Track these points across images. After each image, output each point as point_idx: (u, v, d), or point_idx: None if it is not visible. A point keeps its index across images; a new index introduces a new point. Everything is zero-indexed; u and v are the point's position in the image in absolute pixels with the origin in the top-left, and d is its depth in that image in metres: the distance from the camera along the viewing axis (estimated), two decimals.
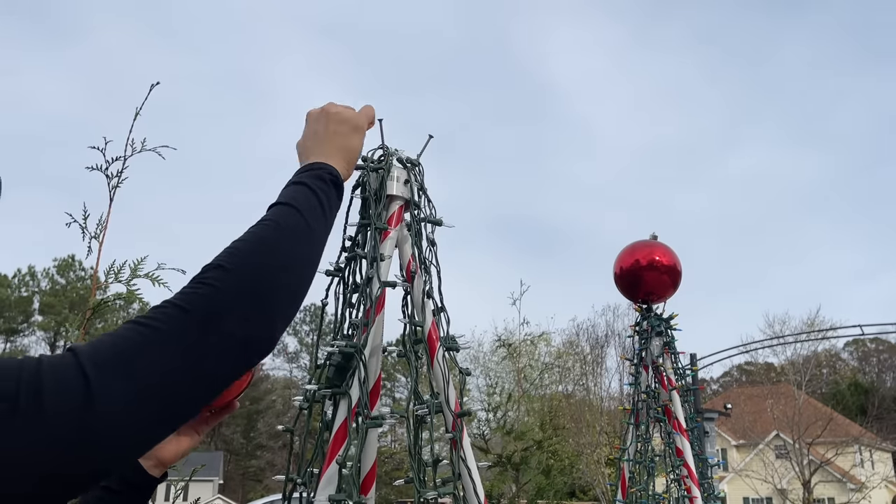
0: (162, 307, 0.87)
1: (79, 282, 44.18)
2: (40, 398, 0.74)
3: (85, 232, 2.17)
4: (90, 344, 0.81)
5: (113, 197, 2.24)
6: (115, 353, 0.80)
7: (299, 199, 1.08)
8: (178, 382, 0.82)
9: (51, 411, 0.74)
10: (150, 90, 2.26)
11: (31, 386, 0.74)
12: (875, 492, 31.64)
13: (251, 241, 0.98)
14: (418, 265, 2.24)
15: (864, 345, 52.80)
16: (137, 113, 2.25)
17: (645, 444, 4.55)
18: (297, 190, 1.11)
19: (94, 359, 0.78)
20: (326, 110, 1.32)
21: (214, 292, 0.89)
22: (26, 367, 0.76)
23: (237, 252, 0.96)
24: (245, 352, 0.89)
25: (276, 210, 1.06)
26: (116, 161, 2.24)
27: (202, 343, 0.84)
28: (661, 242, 4.94)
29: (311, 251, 1.04)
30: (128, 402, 0.78)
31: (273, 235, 1.00)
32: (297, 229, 1.03)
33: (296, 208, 1.05)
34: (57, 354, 0.80)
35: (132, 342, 0.81)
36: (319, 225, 1.08)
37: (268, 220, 1.03)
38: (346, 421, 1.98)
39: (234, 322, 0.87)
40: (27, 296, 45.91)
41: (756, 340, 27.42)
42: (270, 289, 0.93)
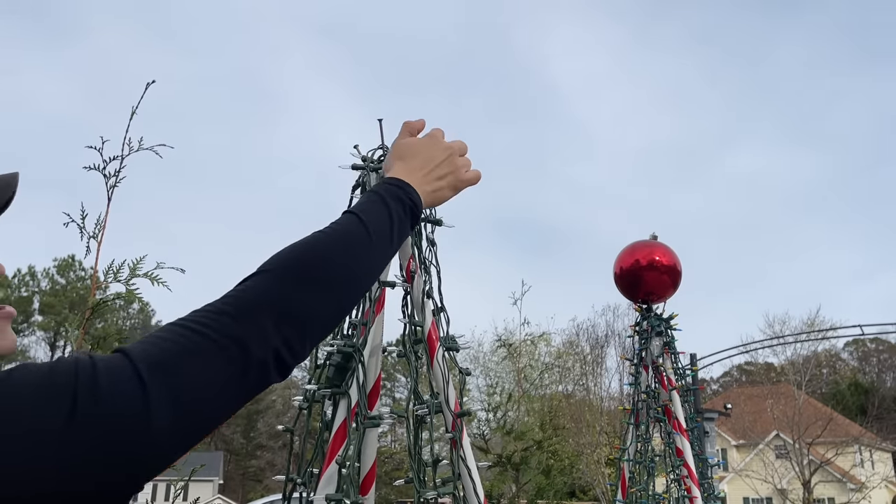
0: (209, 311, 0.85)
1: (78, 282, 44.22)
2: (99, 400, 0.72)
3: (83, 232, 2.17)
4: (140, 346, 0.80)
5: (111, 196, 2.23)
6: (168, 358, 0.78)
7: (370, 214, 1.03)
8: (222, 395, 0.82)
9: (110, 415, 0.72)
10: (146, 88, 2.25)
11: (88, 387, 0.73)
12: (875, 492, 31.64)
13: (308, 248, 0.95)
14: (418, 265, 2.24)
15: (864, 345, 52.82)
16: (134, 112, 2.24)
17: (645, 444, 4.55)
18: (372, 202, 1.06)
19: (147, 361, 0.77)
20: (455, 149, 1.24)
21: (255, 297, 0.87)
22: (82, 365, 0.75)
23: (293, 259, 0.93)
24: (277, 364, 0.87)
25: (343, 218, 1.02)
26: (114, 161, 2.24)
27: (246, 356, 0.83)
28: (661, 242, 4.94)
29: (366, 276, 0.99)
30: (176, 413, 0.77)
31: (332, 247, 0.96)
32: (360, 247, 0.98)
33: (364, 225, 1.00)
34: (107, 356, 0.78)
35: (183, 347, 0.80)
36: (383, 251, 1.03)
37: (333, 227, 0.99)
38: (345, 421, 1.98)
39: (272, 330, 0.86)
40: (27, 296, 45.92)
41: (756, 340, 27.43)
42: (309, 299, 0.90)
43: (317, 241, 0.96)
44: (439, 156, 1.22)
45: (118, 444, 0.73)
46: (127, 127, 2.22)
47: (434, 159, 1.21)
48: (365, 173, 2.23)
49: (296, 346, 0.88)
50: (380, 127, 2.26)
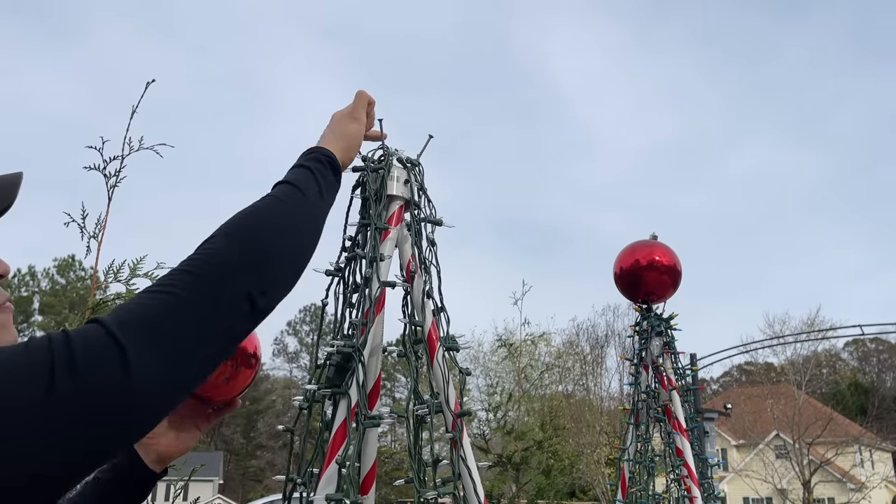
0: (172, 275, 0.89)
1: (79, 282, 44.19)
2: (76, 373, 0.73)
3: (84, 231, 2.17)
4: (114, 314, 0.81)
5: (111, 196, 2.23)
6: (143, 321, 0.81)
7: (298, 177, 1.17)
8: (206, 341, 0.86)
9: (90, 386, 0.74)
10: (146, 88, 2.25)
11: (64, 361, 0.74)
12: (875, 492, 31.64)
13: (249, 211, 1.04)
14: (418, 265, 2.24)
15: (864, 345, 52.81)
16: (134, 111, 2.24)
17: (645, 444, 4.55)
18: (297, 171, 1.20)
19: (122, 328, 0.79)
20: (336, 114, 1.49)
21: (218, 255, 0.93)
22: (55, 340, 0.76)
23: (236, 220, 1.01)
24: (252, 308, 0.93)
25: (276, 188, 1.14)
26: (114, 160, 2.24)
27: (219, 302, 0.88)
28: (661, 242, 4.94)
29: (308, 222, 1.11)
30: (165, 369, 0.80)
31: (271, 205, 1.07)
32: (295, 201, 1.10)
33: (294, 185, 1.13)
34: (81, 327, 0.80)
35: (156, 309, 0.83)
36: (316, 200, 1.15)
37: (268, 195, 1.11)
38: (345, 421, 1.97)
39: (241, 280, 0.92)
40: (27, 296, 45.90)
41: (756, 340, 27.43)
42: (270, 250, 0.98)
43: (262, 203, 1.08)
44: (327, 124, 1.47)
45: (105, 407, 0.74)
46: (127, 126, 2.22)
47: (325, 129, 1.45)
48: (365, 173, 2.23)
49: (266, 288, 0.95)
50: (380, 127, 2.26)
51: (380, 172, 2.21)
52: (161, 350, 0.80)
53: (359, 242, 2.19)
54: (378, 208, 2.18)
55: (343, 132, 1.45)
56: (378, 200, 2.19)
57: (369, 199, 2.19)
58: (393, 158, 2.24)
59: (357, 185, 2.25)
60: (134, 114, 2.22)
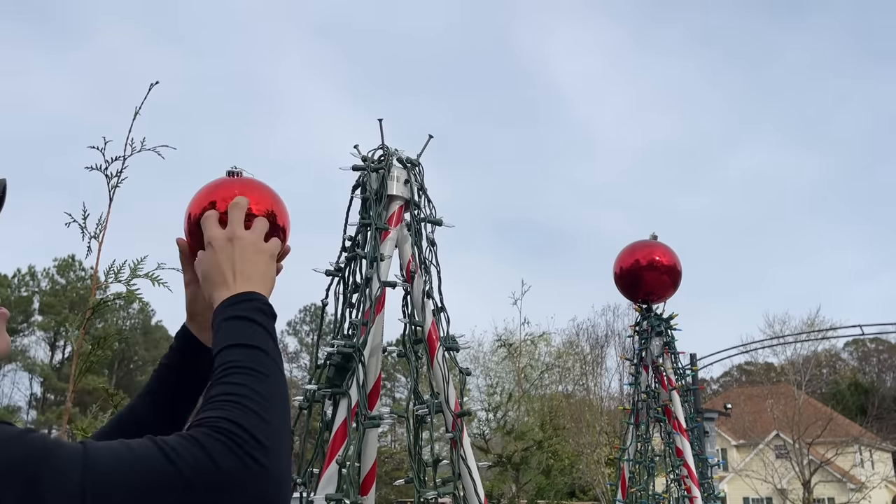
0: (188, 442, 0.85)
1: (79, 282, 44.17)
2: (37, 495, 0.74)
3: (84, 232, 2.17)
4: (104, 451, 0.80)
5: (112, 197, 2.24)
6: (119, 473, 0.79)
7: (261, 341, 1.04)
8: None
9: None
10: (150, 89, 2.26)
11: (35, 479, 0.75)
12: (875, 492, 31.64)
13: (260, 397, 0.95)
14: (418, 265, 2.24)
15: (864, 345, 52.80)
16: (137, 112, 2.25)
17: (645, 444, 4.55)
18: (252, 329, 1.06)
19: (96, 473, 0.78)
20: (237, 236, 1.19)
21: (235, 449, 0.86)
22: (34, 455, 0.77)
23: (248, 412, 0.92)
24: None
25: (250, 356, 1.02)
26: (116, 161, 2.24)
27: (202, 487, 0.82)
28: (661, 242, 4.94)
29: (283, 393, 1.01)
30: None
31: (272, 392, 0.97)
32: (273, 375, 1.00)
33: (265, 352, 1.02)
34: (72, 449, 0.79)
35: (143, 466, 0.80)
36: (279, 365, 1.04)
37: (251, 371, 0.99)
38: (345, 421, 1.98)
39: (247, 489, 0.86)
40: (27, 296, 45.88)
41: (756, 340, 27.43)
42: (280, 446, 0.92)
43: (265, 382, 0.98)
44: (237, 254, 1.18)
45: None
46: (129, 128, 2.22)
47: (234, 259, 1.17)
48: (365, 173, 2.24)
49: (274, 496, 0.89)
50: (380, 127, 2.27)
51: (380, 172, 2.21)
52: None
53: (359, 242, 2.19)
54: (378, 208, 2.18)
55: (266, 275, 1.19)
56: (378, 200, 2.19)
57: (369, 200, 2.19)
58: (393, 158, 2.24)
59: (357, 186, 2.25)
60: (136, 115, 2.23)
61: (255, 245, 1.19)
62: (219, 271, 1.15)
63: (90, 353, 2.22)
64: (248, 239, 1.19)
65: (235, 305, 1.09)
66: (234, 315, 1.07)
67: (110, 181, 2.21)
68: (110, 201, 2.21)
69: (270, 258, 1.21)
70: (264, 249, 1.20)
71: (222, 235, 1.19)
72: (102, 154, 2.21)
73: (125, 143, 2.21)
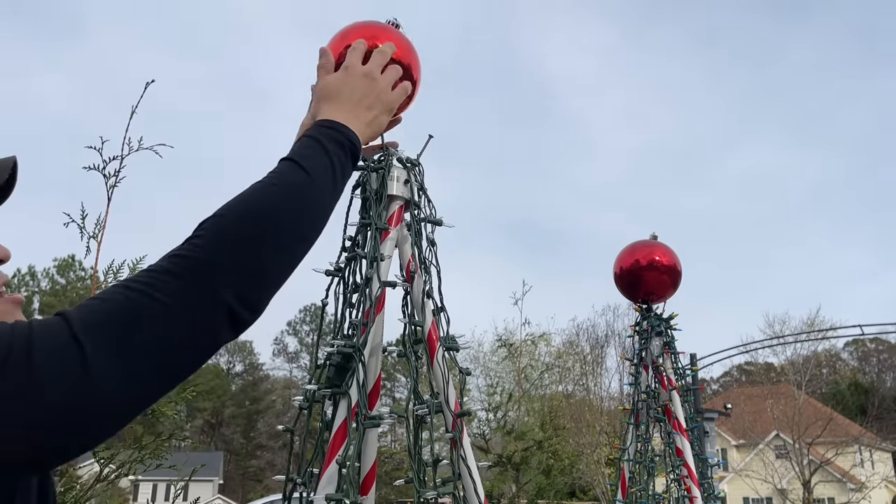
0: (152, 272, 0.82)
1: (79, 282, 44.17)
2: (31, 357, 0.71)
3: (83, 232, 2.17)
4: (80, 309, 0.77)
5: (111, 196, 2.23)
6: (110, 321, 0.76)
7: (311, 160, 1.00)
8: (171, 355, 0.79)
9: (43, 373, 0.71)
10: (146, 88, 2.25)
11: (23, 346, 0.71)
12: (875, 492, 31.63)
13: (247, 200, 0.92)
14: (418, 265, 2.24)
15: (864, 345, 52.79)
16: (133, 112, 2.24)
17: (645, 444, 4.55)
18: (311, 148, 1.03)
19: (86, 327, 0.75)
20: (372, 76, 1.23)
21: (205, 256, 0.84)
22: (17, 327, 0.74)
23: (231, 213, 0.90)
24: (232, 321, 0.85)
25: (282, 166, 0.99)
26: (114, 161, 2.24)
27: (196, 311, 0.81)
28: (661, 242, 4.93)
29: (311, 221, 0.96)
30: (124, 376, 0.75)
31: (273, 196, 0.93)
32: (300, 194, 0.95)
33: (305, 170, 0.97)
34: (46, 319, 0.76)
35: (126, 310, 0.77)
36: (326, 196, 0.99)
37: (272, 177, 0.96)
38: (345, 421, 1.97)
39: (225, 289, 0.83)
40: (27, 296, 45.89)
41: (756, 340, 27.41)
42: (262, 258, 0.88)
43: (262, 192, 0.94)
44: (359, 85, 1.21)
45: (60, 408, 0.71)
46: (126, 127, 2.22)
47: (356, 90, 1.20)
48: (365, 173, 2.23)
49: (251, 297, 0.86)
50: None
51: (380, 172, 2.21)
52: (123, 357, 0.75)
53: (359, 242, 2.19)
54: (378, 208, 2.18)
55: (375, 122, 1.19)
56: (378, 200, 2.19)
57: (369, 199, 2.19)
58: (393, 158, 2.24)
59: (357, 185, 2.25)
60: (133, 114, 2.22)
61: (382, 92, 1.22)
62: (338, 95, 1.17)
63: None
64: (380, 85, 1.23)
65: (321, 128, 1.08)
66: (310, 134, 1.06)
67: (108, 181, 2.21)
68: (109, 201, 2.21)
69: (387, 112, 1.24)
70: (387, 101, 1.23)
71: (362, 69, 1.23)
72: (100, 154, 2.21)
73: (122, 143, 2.21)
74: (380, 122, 1.21)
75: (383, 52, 1.28)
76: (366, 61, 1.26)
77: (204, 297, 0.82)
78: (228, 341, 0.87)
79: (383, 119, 1.23)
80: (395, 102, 1.26)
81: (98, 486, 2.36)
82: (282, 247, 0.91)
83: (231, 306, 0.84)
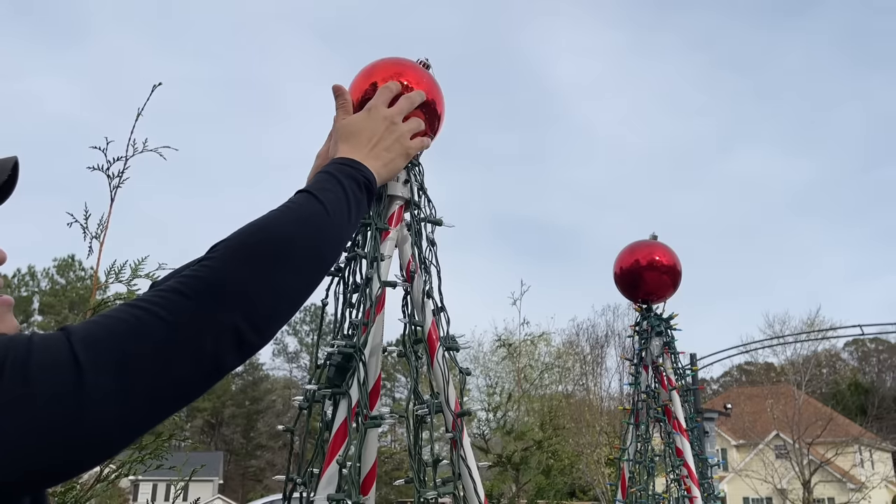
0: (162, 292, 0.80)
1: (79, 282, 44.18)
2: (27, 371, 0.68)
3: (86, 232, 2.17)
4: (86, 325, 0.75)
5: (114, 197, 2.24)
6: (113, 340, 0.74)
7: (328, 193, 1.00)
8: (173, 376, 0.76)
9: (37, 387, 0.68)
10: (152, 91, 2.26)
11: (19, 358, 0.69)
12: (875, 492, 31.63)
13: (262, 227, 0.90)
14: (418, 265, 2.24)
15: (864, 345, 52.79)
16: (139, 114, 2.25)
17: (645, 444, 4.55)
18: (328, 183, 1.03)
19: (87, 344, 0.72)
20: (394, 119, 1.26)
21: (216, 279, 0.82)
22: (16, 339, 0.72)
23: (245, 238, 0.88)
24: (239, 347, 0.83)
25: (299, 197, 0.98)
26: (118, 161, 2.24)
27: (204, 335, 0.78)
28: (661, 242, 4.94)
29: (325, 254, 0.95)
30: (120, 401, 0.72)
31: (288, 225, 0.92)
32: (316, 226, 0.95)
33: (320, 202, 0.97)
34: (48, 333, 0.74)
35: (132, 330, 0.75)
36: (341, 228, 0.99)
37: (287, 206, 0.95)
38: (345, 421, 1.98)
39: (234, 314, 0.81)
40: (27, 296, 45.89)
41: (756, 340, 27.46)
42: (275, 285, 0.86)
43: (277, 219, 0.93)
44: (380, 128, 1.24)
45: (51, 427, 0.68)
46: (132, 129, 2.22)
47: (376, 132, 1.23)
48: None
49: (260, 322, 0.84)
50: None
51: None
52: (123, 375, 0.72)
53: (358, 242, 2.19)
54: (378, 208, 2.19)
55: (392, 166, 1.23)
56: (378, 200, 2.19)
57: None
58: None
59: None
60: (139, 116, 2.23)
61: (401, 137, 1.25)
62: (358, 135, 1.20)
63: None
64: (401, 130, 1.26)
65: (338, 164, 1.09)
66: (326, 170, 1.07)
67: (112, 181, 2.21)
68: (112, 201, 2.21)
69: (405, 157, 1.26)
70: (405, 146, 1.26)
71: (385, 112, 1.26)
72: (104, 154, 2.21)
73: (127, 144, 2.21)
74: (396, 165, 1.25)
75: (411, 99, 1.33)
76: (392, 103, 1.30)
77: (211, 317, 0.80)
78: (235, 366, 0.84)
79: (399, 163, 1.26)
80: (413, 150, 1.29)
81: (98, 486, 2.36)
82: (294, 272, 0.90)
83: (238, 328, 0.82)
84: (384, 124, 1.24)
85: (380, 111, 1.27)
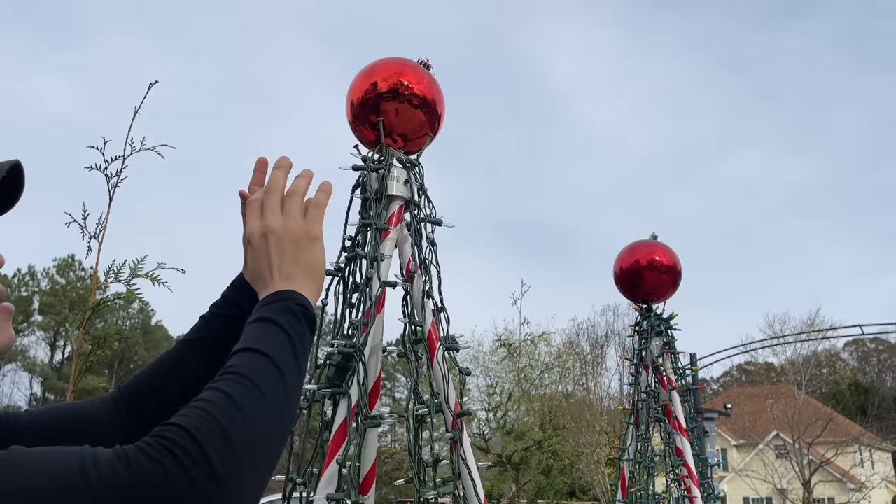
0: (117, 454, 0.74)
1: (79, 282, 44.16)
2: None
3: (84, 232, 2.17)
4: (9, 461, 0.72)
5: (112, 196, 2.23)
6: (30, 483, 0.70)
7: (273, 346, 0.90)
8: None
9: None
10: (149, 89, 2.26)
11: None
12: (875, 492, 31.64)
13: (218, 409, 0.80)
14: (418, 265, 2.24)
15: (864, 345, 52.80)
16: (136, 112, 2.24)
17: (645, 444, 4.55)
18: (268, 332, 0.92)
19: None
20: (272, 229, 1.02)
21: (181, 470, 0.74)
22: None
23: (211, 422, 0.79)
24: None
25: (250, 362, 0.88)
26: (116, 161, 2.24)
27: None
28: (660, 242, 4.94)
29: (286, 418, 0.87)
30: None
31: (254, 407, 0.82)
32: (275, 392, 0.85)
33: (271, 360, 0.88)
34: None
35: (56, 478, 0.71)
36: (294, 380, 0.90)
37: (243, 378, 0.85)
38: (345, 421, 1.98)
39: None
40: (27, 296, 45.86)
41: (756, 340, 27.46)
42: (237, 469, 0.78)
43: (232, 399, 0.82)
44: (273, 250, 1.03)
45: None
46: (129, 128, 2.22)
47: (271, 257, 1.02)
48: (365, 173, 2.23)
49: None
50: (381, 127, 2.27)
51: (380, 173, 2.21)
52: None
53: (359, 242, 2.19)
54: (378, 208, 2.18)
55: (310, 264, 1.03)
56: (378, 200, 2.19)
57: (369, 199, 2.19)
58: (393, 158, 2.24)
59: (357, 186, 2.25)
60: (136, 115, 2.23)
61: (291, 233, 1.03)
62: (257, 272, 1.03)
63: (90, 353, 2.22)
64: (282, 229, 1.03)
65: (265, 307, 0.96)
66: (258, 317, 0.95)
67: (110, 181, 2.21)
68: (110, 201, 2.21)
69: (311, 242, 1.04)
70: (310, 236, 1.04)
71: (305, 229, 1.04)
72: (102, 154, 2.21)
73: (125, 143, 2.21)
74: (314, 260, 1.05)
75: (294, 192, 1.07)
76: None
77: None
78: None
79: (316, 255, 1.05)
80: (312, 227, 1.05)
81: None
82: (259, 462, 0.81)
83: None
84: (263, 242, 1.03)
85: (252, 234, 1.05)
